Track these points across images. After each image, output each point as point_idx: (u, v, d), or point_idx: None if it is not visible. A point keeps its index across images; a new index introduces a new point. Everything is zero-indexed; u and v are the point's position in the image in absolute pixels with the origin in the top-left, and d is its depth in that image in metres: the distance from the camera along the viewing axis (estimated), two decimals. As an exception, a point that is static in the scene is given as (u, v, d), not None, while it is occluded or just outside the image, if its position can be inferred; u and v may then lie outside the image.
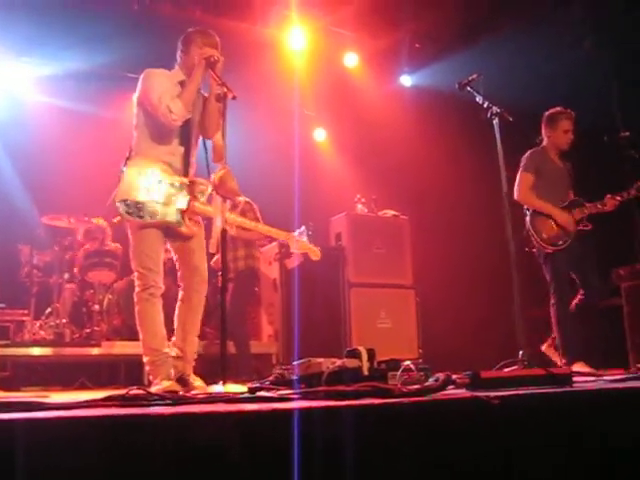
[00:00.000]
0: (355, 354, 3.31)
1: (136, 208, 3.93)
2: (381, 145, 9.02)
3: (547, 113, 5.80)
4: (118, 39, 7.49)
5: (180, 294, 4.21)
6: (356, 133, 9.49)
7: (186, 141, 4.15)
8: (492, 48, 7.67)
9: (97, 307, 6.91)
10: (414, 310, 7.51)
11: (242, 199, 6.34)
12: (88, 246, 7.44)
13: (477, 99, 4.66)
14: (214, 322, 6.43)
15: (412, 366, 3.59)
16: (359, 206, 7.75)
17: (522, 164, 5.72)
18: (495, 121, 4.57)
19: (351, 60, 9.04)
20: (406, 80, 9.60)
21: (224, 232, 3.55)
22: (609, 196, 5.53)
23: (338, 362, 3.27)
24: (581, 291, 5.50)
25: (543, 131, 5.82)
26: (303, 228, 4.80)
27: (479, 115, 4.69)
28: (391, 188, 8.55)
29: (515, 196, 5.60)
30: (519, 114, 4.73)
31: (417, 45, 9.02)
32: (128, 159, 4.07)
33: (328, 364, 3.28)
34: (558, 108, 5.75)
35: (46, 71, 7.98)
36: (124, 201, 3.93)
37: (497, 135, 4.55)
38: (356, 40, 8.80)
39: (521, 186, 5.63)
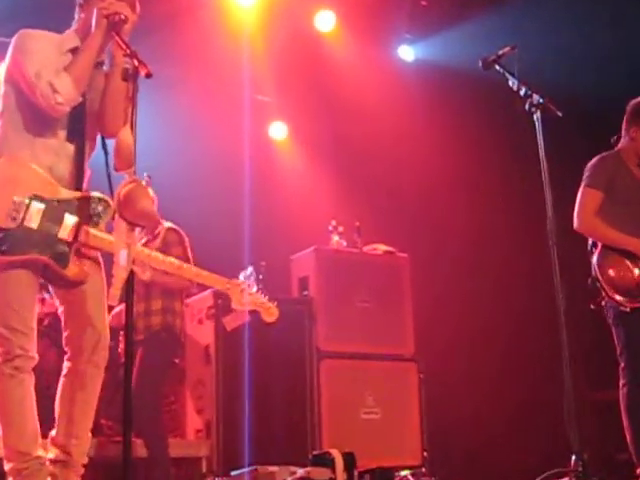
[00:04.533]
0: (326, 460, 3.30)
1: (-5, 238, 3.88)
2: (369, 147, 9.07)
3: (634, 102, 5.65)
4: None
5: (66, 365, 4.14)
6: (332, 129, 9.53)
7: (77, 136, 4.14)
8: (532, 7, 7.77)
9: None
10: (416, 393, 7.49)
11: (166, 225, 6.32)
12: None
13: (510, 83, 4.71)
14: (114, 410, 6.35)
15: (412, 479, 3.58)
16: (335, 237, 7.74)
17: (586, 176, 5.58)
18: (536, 115, 4.63)
19: (326, 22, 9.08)
20: (407, 52, 9.69)
21: (131, 275, 3.52)
22: None
23: (300, 472, 3.26)
24: None
25: (625, 128, 5.68)
26: (250, 270, 4.78)
27: (513, 106, 4.74)
28: (383, 211, 8.58)
29: (575, 224, 5.50)
30: (571, 105, 4.79)
31: (423, 2, 9.11)
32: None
33: (285, 475, 3.26)
34: None
35: None
36: (-21, 227, 3.89)
37: (539, 135, 4.60)
38: (334, -8, 8.88)
39: (584, 209, 5.49)
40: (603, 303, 5.41)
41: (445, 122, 8.53)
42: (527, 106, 4.66)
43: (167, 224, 6.37)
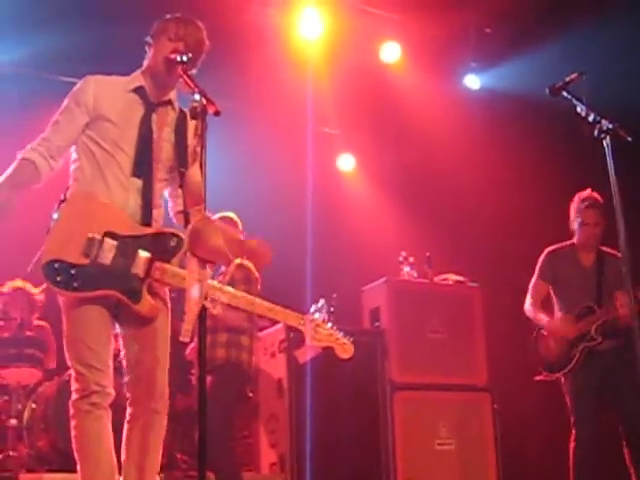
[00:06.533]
0: (401, 494, 3.29)
1: (69, 275, 3.92)
2: (437, 177, 9.04)
3: (574, 200, 6.57)
4: (47, 24, 7.55)
5: (129, 411, 4.16)
6: (399, 160, 9.53)
7: (144, 171, 4.18)
8: (600, 33, 7.71)
9: (14, 422, 6.88)
10: (491, 423, 7.43)
11: (236, 262, 6.33)
12: (1, 326, 7.48)
13: (578, 109, 4.67)
14: (188, 444, 6.38)
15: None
16: (406, 269, 7.73)
17: (537, 267, 6.67)
18: (606, 141, 4.57)
19: (391, 53, 9.10)
20: (472, 81, 9.66)
21: (203, 311, 3.53)
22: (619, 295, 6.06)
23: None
24: (620, 426, 6.15)
25: (571, 221, 6.60)
26: (322, 302, 4.75)
27: (582, 132, 4.69)
28: (453, 241, 8.53)
29: (525, 306, 6.67)
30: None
31: (488, 30, 9.09)
32: (63, 202, 4.12)
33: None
34: (585, 192, 6.46)
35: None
36: (52, 263, 3.94)
37: (609, 161, 4.53)
38: (399, 24, 8.89)
39: (531, 296, 6.63)
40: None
41: (514, 150, 8.47)
42: (596, 132, 4.61)
43: (237, 260, 6.37)
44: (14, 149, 4.23)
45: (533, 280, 6.64)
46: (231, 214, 6.46)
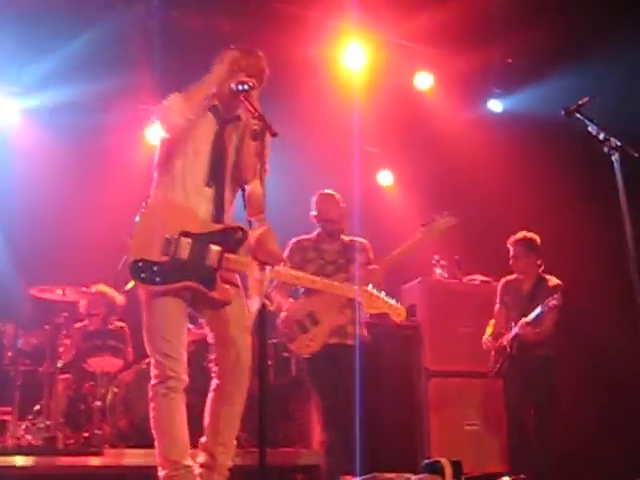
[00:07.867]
0: (436, 468, 3.29)
1: (152, 271, 4.03)
2: (465, 190, 9.02)
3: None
4: (125, 62, 7.65)
5: (214, 382, 4.26)
6: (432, 175, 9.52)
7: (217, 182, 4.29)
8: (609, 63, 7.65)
9: (99, 404, 6.96)
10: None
11: (362, 240, 6.14)
12: (87, 322, 7.58)
13: (589, 129, 4.65)
14: (249, 423, 6.36)
15: (512, 484, 3.55)
16: (438, 270, 7.74)
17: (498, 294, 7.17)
18: (614, 157, 4.54)
19: (424, 81, 9.11)
20: (496, 105, 9.64)
21: (263, 308, 3.56)
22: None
23: (414, 479, 3.25)
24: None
25: None
26: (371, 287, 4.75)
27: (593, 149, 4.67)
28: (480, 247, 8.50)
29: None
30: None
31: (509, 60, 9.07)
32: (144, 208, 4.23)
33: (401, 481, 3.27)
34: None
35: (34, 102, 8.18)
36: (137, 263, 4.04)
37: (618, 176, 4.51)
38: (430, 56, 8.89)
39: (493, 318, 7.08)
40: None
41: (533, 166, 8.41)
42: (606, 149, 4.60)
43: (353, 238, 6.19)
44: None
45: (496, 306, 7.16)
46: None
